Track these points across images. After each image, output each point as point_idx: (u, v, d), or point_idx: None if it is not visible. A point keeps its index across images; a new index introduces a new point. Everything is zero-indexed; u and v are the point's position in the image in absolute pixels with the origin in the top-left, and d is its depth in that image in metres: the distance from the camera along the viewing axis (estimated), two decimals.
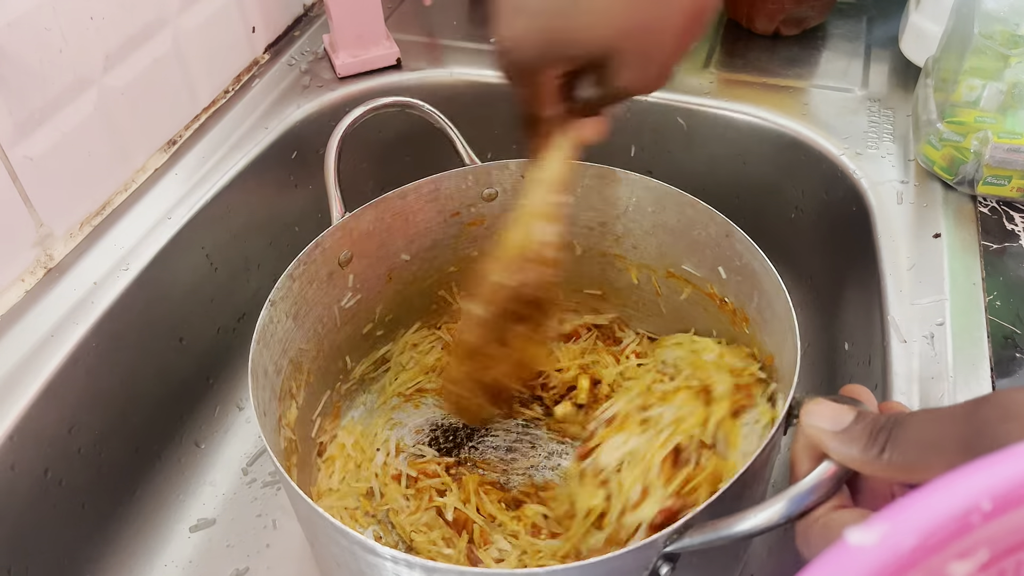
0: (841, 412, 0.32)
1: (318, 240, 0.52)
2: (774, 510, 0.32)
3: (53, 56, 0.53)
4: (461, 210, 0.60)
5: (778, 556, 0.55)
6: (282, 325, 0.50)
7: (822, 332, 0.66)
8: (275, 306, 0.49)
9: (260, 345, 0.47)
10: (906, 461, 0.30)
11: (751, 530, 0.33)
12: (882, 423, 0.31)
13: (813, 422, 0.33)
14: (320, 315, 0.55)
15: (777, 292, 0.47)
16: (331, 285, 0.55)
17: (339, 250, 0.55)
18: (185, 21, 0.64)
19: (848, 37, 0.76)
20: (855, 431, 0.31)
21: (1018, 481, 0.17)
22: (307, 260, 0.52)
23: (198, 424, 0.64)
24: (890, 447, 0.30)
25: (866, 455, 0.31)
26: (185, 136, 0.67)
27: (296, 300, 0.52)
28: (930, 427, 0.29)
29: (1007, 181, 0.55)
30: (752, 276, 0.50)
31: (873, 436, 0.31)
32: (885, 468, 0.30)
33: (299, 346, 0.53)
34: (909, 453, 0.30)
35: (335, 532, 0.37)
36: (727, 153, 0.70)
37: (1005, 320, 0.49)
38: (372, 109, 0.56)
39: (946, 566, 0.17)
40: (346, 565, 0.40)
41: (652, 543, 0.35)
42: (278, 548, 0.58)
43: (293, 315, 0.52)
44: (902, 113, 0.66)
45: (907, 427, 0.30)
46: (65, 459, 0.51)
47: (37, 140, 0.53)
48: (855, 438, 0.31)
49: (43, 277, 0.55)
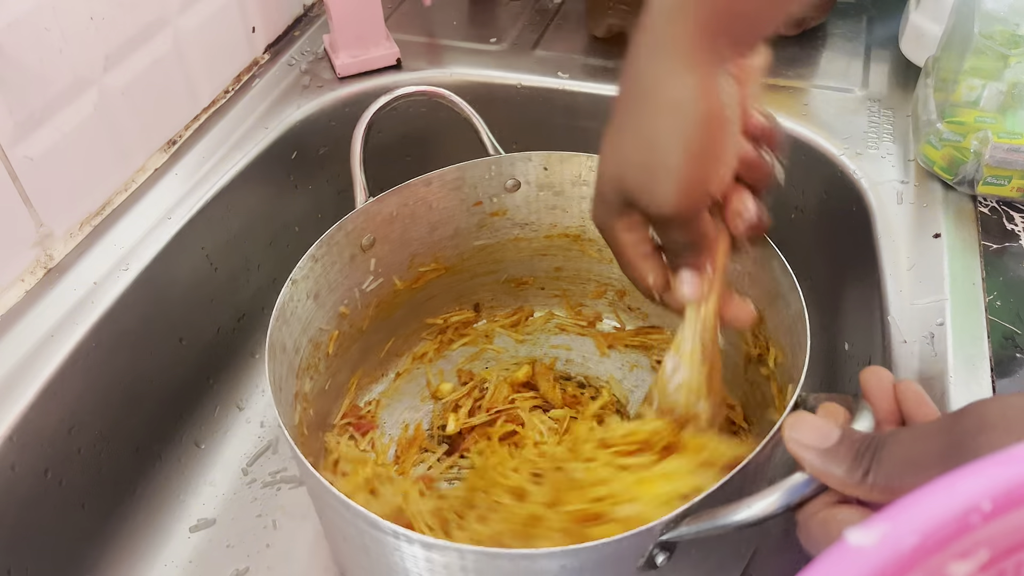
0: (826, 430, 0.32)
1: (341, 223, 0.53)
2: (770, 500, 0.32)
3: (53, 56, 0.53)
4: (484, 199, 0.61)
5: (778, 556, 0.55)
6: (302, 304, 0.51)
7: (822, 332, 0.66)
8: (296, 285, 0.50)
9: (279, 322, 0.48)
10: (889, 483, 0.29)
11: (748, 519, 0.33)
12: (867, 444, 0.30)
13: (796, 437, 0.32)
14: (341, 297, 0.56)
15: (791, 291, 0.48)
16: (353, 268, 0.56)
17: (362, 234, 0.56)
18: (185, 21, 0.64)
19: (848, 37, 0.76)
20: (840, 452, 0.31)
21: (1018, 482, 0.17)
22: (330, 242, 0.53)
23: (198, 424, 0.64)
24: (874, 469, 0.29)
25: (851, 477, 0.30)
26: (185, 136, 0.67)
27: (317, 280, 0.53)
28: (912, 446, 0.29)
29: (1007, 181, 0.55)
30: (768, 274, 0.51)
31: (858, 458, 0.30)
32: (869, 491, 0.30)
33: (319, 326, 0.54)
34: (892, 475, 0.29)
35: (340, 505, 0.38)
36: None
37: (1005, 320, 0.49)
38: (401, 96, 0.57)
39: (946, 566, 0.17)
40: (351, 539, 0.41)
41: (649, 530, 0.35)
42: (278, 548, 0.58)
43: (314, 295, 0.53)
44: (902, 113, 0.66)
45: (890, 447, 0.30)
46: (65, 459, 0.51)
47: (37, 140, 0.53)
48: (840, 459, 0.31)
49: (43, 277, 0.55)
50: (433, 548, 0.37)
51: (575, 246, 0.64)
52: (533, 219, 0.62)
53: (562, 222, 0.63)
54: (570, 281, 0.67)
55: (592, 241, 0.63)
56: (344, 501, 0.37)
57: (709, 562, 0.44)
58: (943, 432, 0.28)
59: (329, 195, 0.74)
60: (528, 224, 0.63)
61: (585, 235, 0.63)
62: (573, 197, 0.61)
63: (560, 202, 0.61)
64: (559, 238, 0.64)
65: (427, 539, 0.36)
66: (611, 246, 0.44)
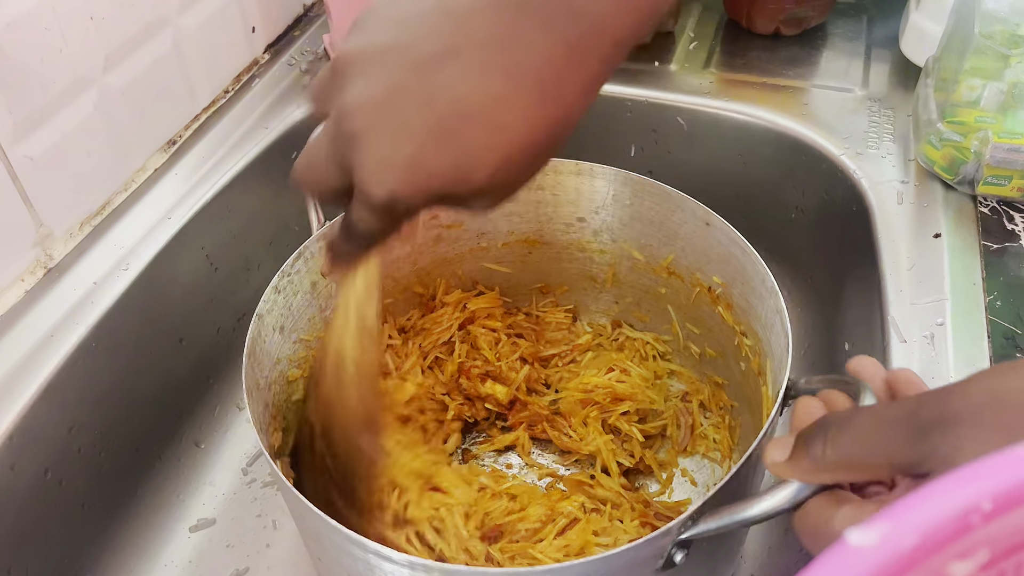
0: (783, 441, 0.33)
1: (299, 251, 0.51)
2: (785, 493, 0.33)
3: (53, 56, 0.53)
4: (439, 212, 0.60)
5: (778, 556, 0.55)
6: (270, 338, 0.50)
7: (822, 332, 0.66)
8: (262, 320, 0.48)
9: (251, 360, 0.46)
10: (849, 458, 0.30)
11: (763, 513, 0.34)
12: (815, 430, 0.32)
13: (770, 460, 0.34)
14: (305, 327, 0.54)
15: (762, 277, 0.48)
16: (315, 295, 0.54)
17: (321, 260, 0.53)
18: (185, 21, 0.64)
19: (848, 37, 0.76)
20: (796, 450, 0.32)
21: (1018, 481, 0.17)
22: (290, 271, 0.51)
23: (198, 424, 0.64)
24: (830, 447, 0.31)
25: (811, 462, 0.31)
26: (185, 136, 0.67)
27: (282, 313, 0.51)
28: (871, 430, 0.30)
29: (1007, 181, 0.55)
30: (734, 262, 0.51)
31: (810, 445, 0.32)
32: (832, 467, 0.31)
33: (288, 357, 0.52)
34: (851, 451, 0.30)
35: (348, 543, 0.37)
36: (727, 153, 0.70)
37: (1005, 320, 0.49)
38: None
39: (946, 566, 0.17)
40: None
41: (667, 531, 0.35)
42: (278, 548, 0.58)
43: (279, 328, 0.51)
44: (902, 113, 0.66)
45: (848, 428, 0.31)
46: (65, 459, 0.51)
47: (37, 140, 0.53)
48: (799, 456, 0.32)
49: (43, 277, 0.55)
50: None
51: (534, 251, 0.64)
52: (489, 228, 0.62)
53: (519, 229, 0.62)
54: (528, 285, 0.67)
55: (548, 245, 0.63)
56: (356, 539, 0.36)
57: (719, 551, 0.44)
58: (904, 420, 0.29)
59: None
60: (485, 233, 0.62)
61: (542, 239, 0.63)
62: (528, 202, 0.60)
63: (516, 208, 0.61)
64: (517, 245, 0.63)
65: (447, 567, 0.36)
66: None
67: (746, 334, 0.52)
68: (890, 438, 0.29)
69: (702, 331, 0.59)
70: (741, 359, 0.54)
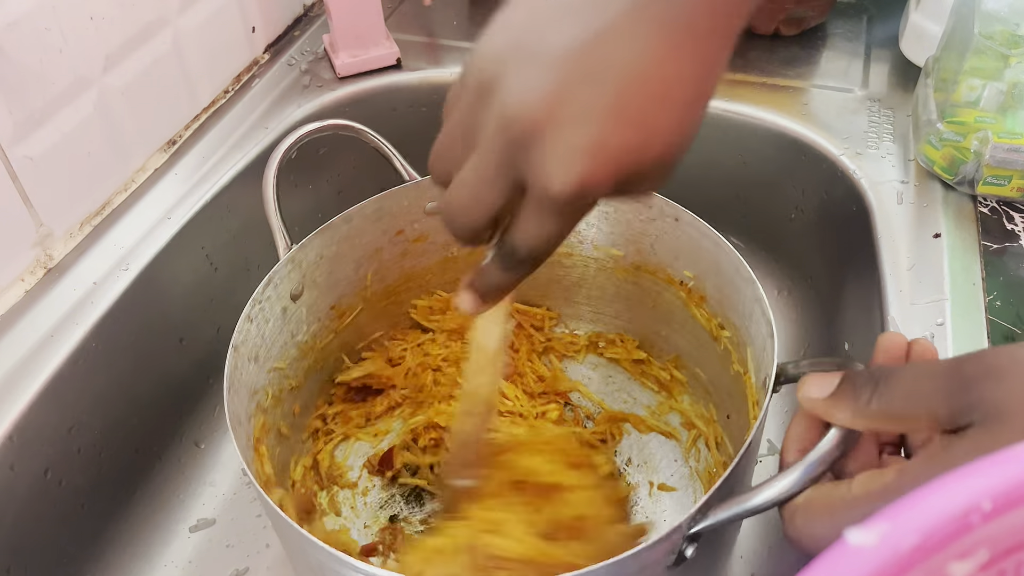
0: (827, 378, 0.35)
1: (268, 277, 0.50)
2: (790, 480, 0.33)
3: (53, 56, 0.53)
4: (405, 227, 0.59)
5: (778, 556, 0.55)
6: (246, 369, 0.49)
7: (822, 332, 0.66)
8: (238, 351, 0.47)
9: (232, 393, 0.45)
10: (892, 410, 0.32)
11: (770, 501, 0.34)
12: (866, 378, 0.33)
13: (806, 394, 0.35)
14: (278, 355, 0.53)
15: (736, 267, 0.48)
16: (286, 321, 0.53)
17: (290, 284, 0.53)
18: (185, 21, 0.64)
19: (848, 37, 0.76)
20: (842, 391, 0.34)
21: (1018, 481, 0.17)
22: (261, 299, 0.50)
23: (198, 424, 0.64)
24: (876, 398, 0.32)
25: (856, 406, 0.33)
26: (185, 136, 0.67)
27: (255, 342, 0.50)
28: (915, 382, 0.32)
29: (1007, 181, 0.55)
30: (706, 255, 0.51)
31: (857, 391, 0.33)
32: (874, 417, 0.32)
33: (264, 388, 0.51)
34: (895, 402, 0.32)
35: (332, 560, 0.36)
36: (727, 153, 0.69)
37: (1005, 320, 0.49)
38: (306, 134, 0.54)
39: (946, 566, 0.17)
40: None
41: (678, 528, 0.36)
42: (278, 548, 0.58)
43: (254, 358, 0.50)
44: (902, 113, 0.66)
45: (893, 379, 0.32)
46: (65, 459, 0.51)
47: (37, 140, 0.53)
48: (844, 397, 0.33)
49: (43, 277, 0.55)
50: None
51: None
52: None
53: None
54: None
55: None
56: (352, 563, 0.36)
57: (720, 549, 0.45)
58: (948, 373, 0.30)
59: (329, 195, 0.74)
60: (452, 243, 0.62)
61: None
62: None
63: None
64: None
65: None
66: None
67: (723, 326, 0.52)
68: (935, 389, 0.30)
69: (674, 328, 0.59)
70: (720, 352, 0.54)
